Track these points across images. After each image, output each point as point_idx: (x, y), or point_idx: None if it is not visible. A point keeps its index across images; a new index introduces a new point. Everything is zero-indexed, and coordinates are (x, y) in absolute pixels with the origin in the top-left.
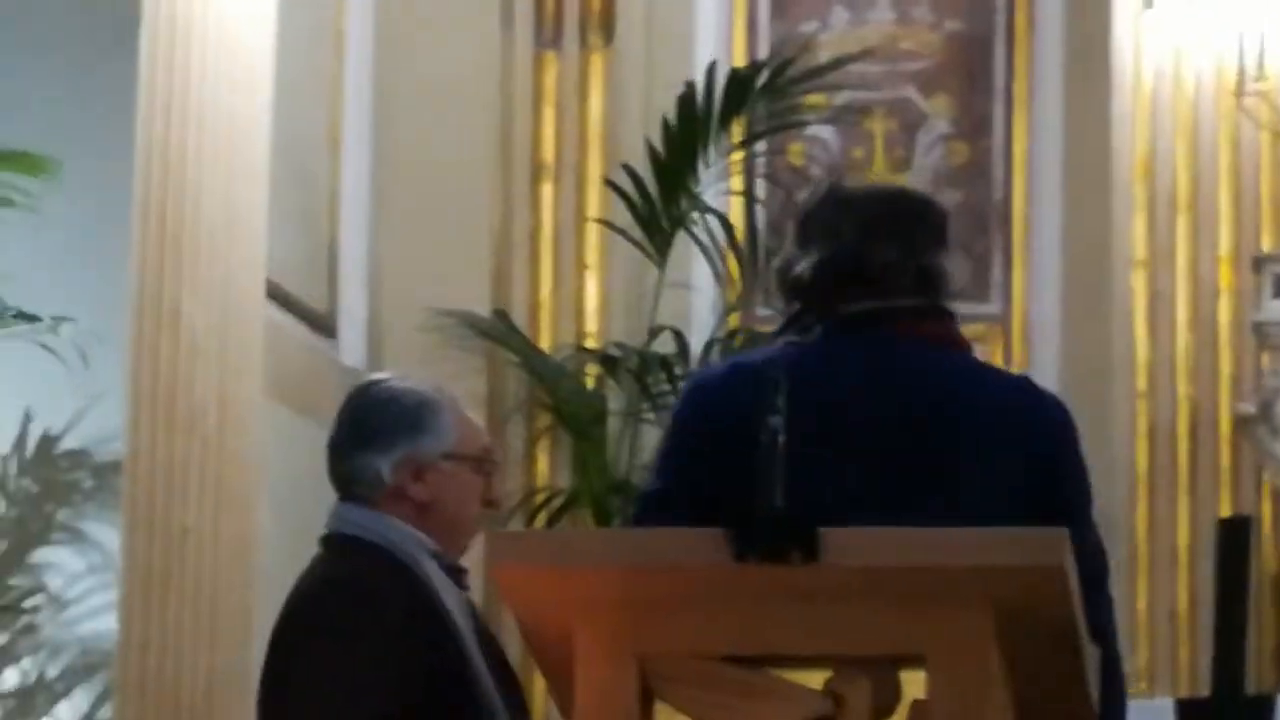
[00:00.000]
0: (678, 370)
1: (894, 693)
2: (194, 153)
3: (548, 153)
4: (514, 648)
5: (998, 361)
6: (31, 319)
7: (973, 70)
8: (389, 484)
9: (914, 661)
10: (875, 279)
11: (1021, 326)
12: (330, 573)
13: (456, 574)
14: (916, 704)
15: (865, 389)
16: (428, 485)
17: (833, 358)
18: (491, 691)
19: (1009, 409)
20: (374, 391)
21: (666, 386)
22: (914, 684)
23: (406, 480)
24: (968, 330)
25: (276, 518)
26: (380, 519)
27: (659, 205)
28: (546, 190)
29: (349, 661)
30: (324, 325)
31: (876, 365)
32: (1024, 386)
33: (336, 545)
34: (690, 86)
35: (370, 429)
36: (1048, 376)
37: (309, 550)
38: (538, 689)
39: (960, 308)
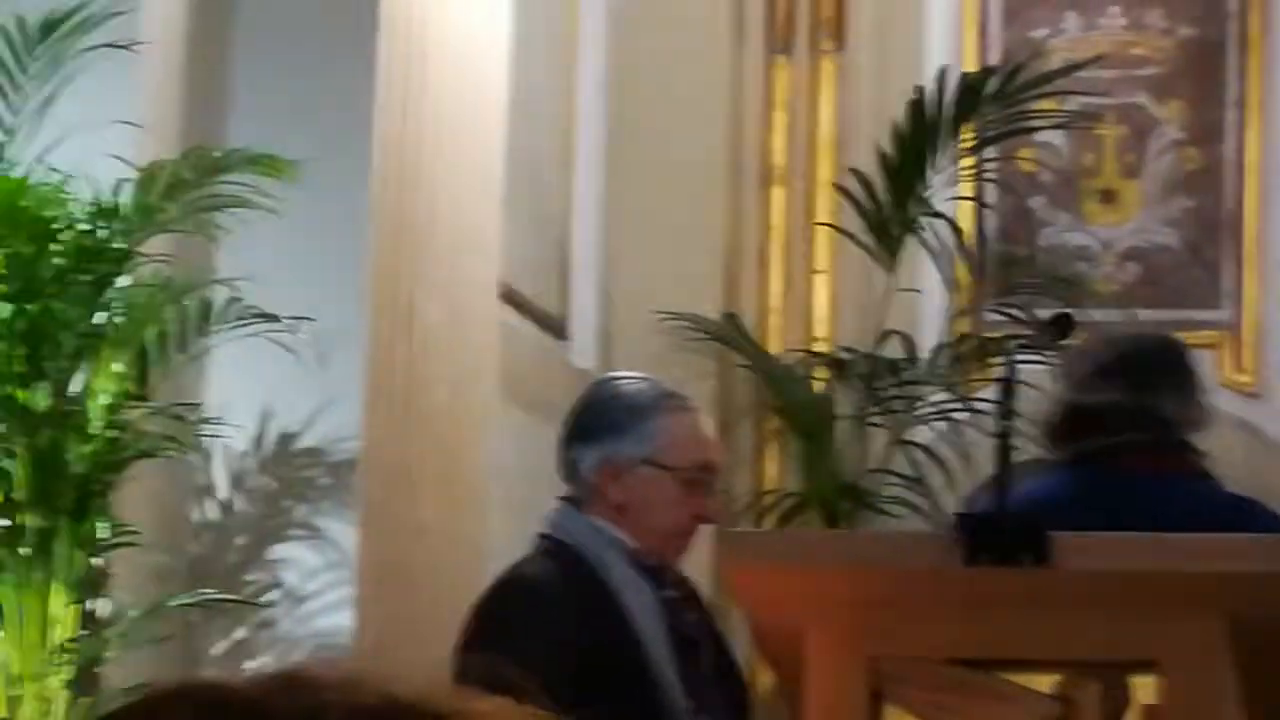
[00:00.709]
0: (906, 374)
1: (1123, 698)
2: (430, 156)
3: (778, 157)
4: (744, 648)
5: (1227, 368)
6: (271, 319)
7: (1205, 76)
8: (590, 481)
9: (1144, 667)
10: (1108, 419)
11: (1252, 333)
12: (511, 570)
13: (655, 573)
14: (1148, 709)
15: (1090, 512)
16: (624, 487)
17: (1067, 484)
18: (671, 688)
19: (1222, 525)
20: (600, 388)
21: (895, 390)
22: (1143, 689)
23: (606, 479)
24: (1198, 337)
25: (508, 516)
26: (575, 516)
27: (888, 210)
28: (777, 195)
29: (508, 658)
30: (556, 327)
31: (1100, 491)
32: (1241, 506)
33: (537, 541)
34: (921, 92)
35: (582, 424)
36: (1277, 385)
37: None
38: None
39: (1190, 315)
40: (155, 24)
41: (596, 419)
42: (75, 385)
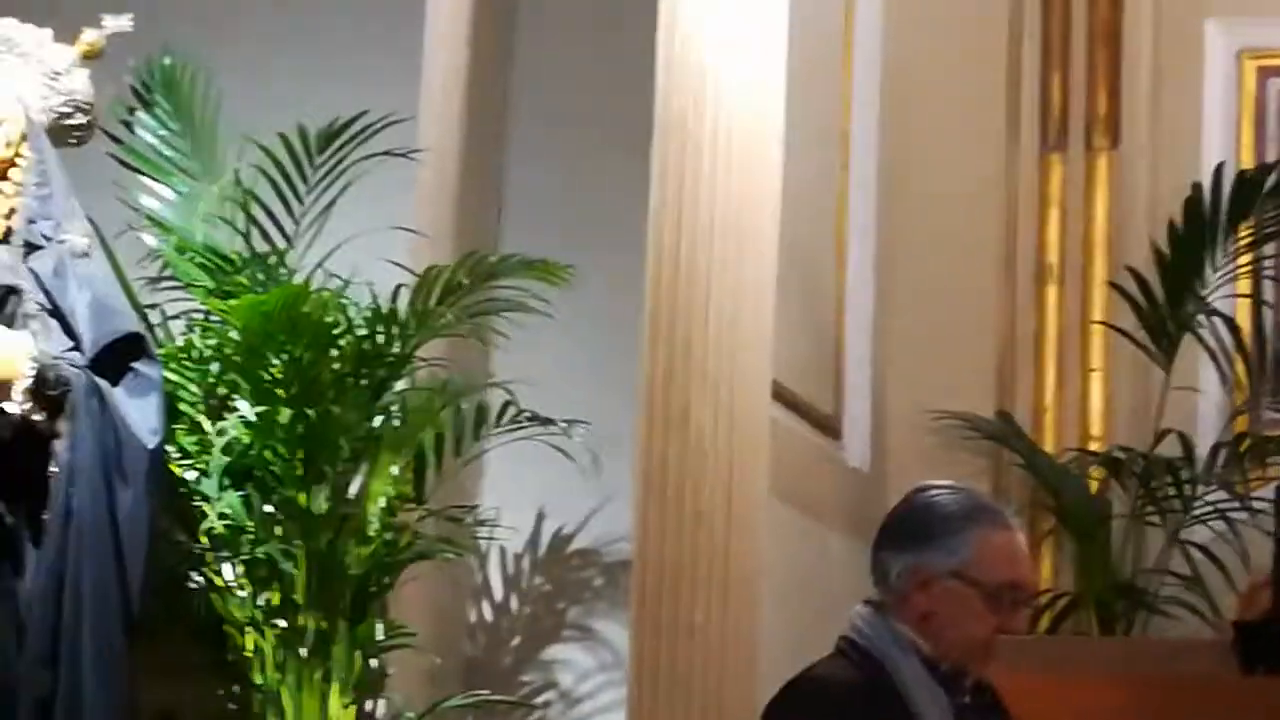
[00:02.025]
0: (1183, 474)
1: None
2: (703, 256)
3: (1052, 255)
4: None
5: None
6: (546, 422)
7: None
8: (895, 587)
9: None
10: None
11: None
12: (804, 672)
13: (952, 680)
14: None
15: None
16: (930, 597)
17: None
18: None
19: None
20: (917, 496)
21: (1171, 490)
22: None
23: (913, 587)
24: None
25: (779, 616)
26: (878, 621)
27: (1165, 308)
28: (1051, 292)
29: None
30: (828, 426)
31: None
32: None
33: (838, 643)
34: (1197, 188)
35: (894, 531)
36: None
37: (811, 648)
38: None
39: None
40: (432, 131)
41: (910, 526)
42: (353, 488)
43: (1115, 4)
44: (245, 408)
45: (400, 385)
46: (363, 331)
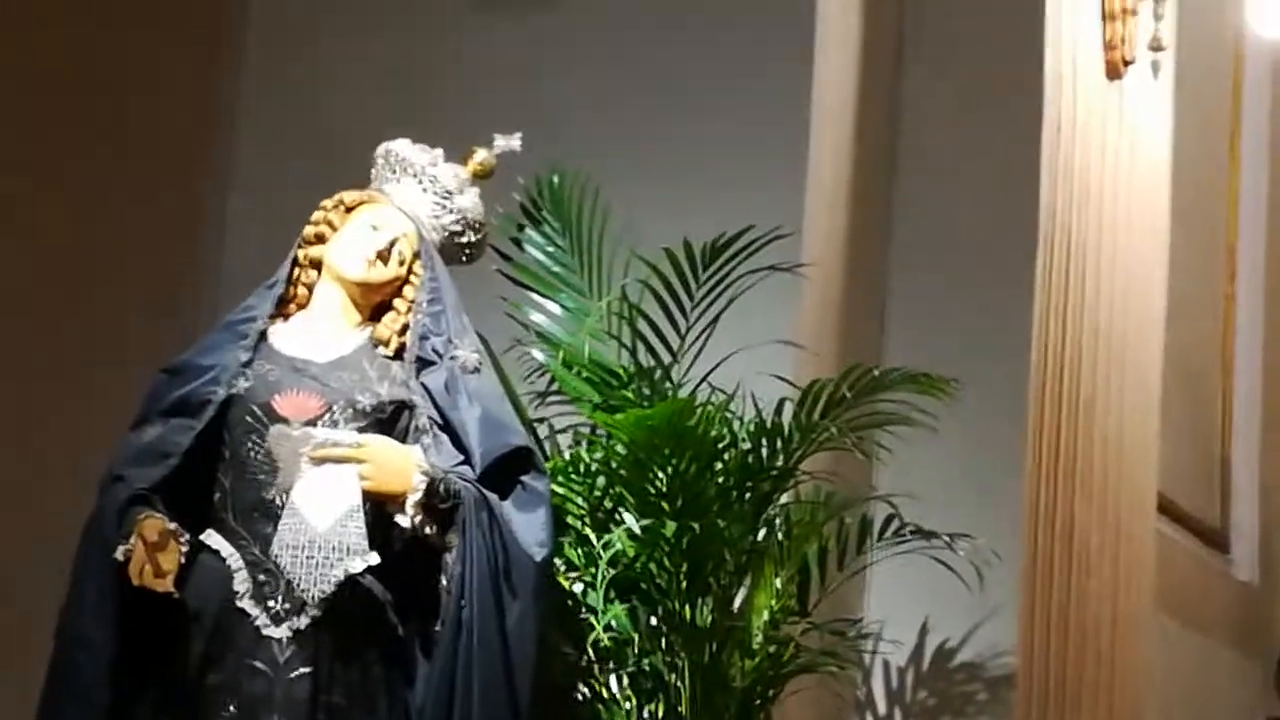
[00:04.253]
0: None
1: None
2: (1088, 369)
3: None
4: None
5: None
6: (930, 535)
7: None
8: None
9: None
10: None
11: None
12: None
13: None
14: None
15: None
16: None
17: None
18: None
19: None
20: None
21: None
22: None
23: None
24: None
25: None
26: None
27: None
28: None
29: None
30: (1215, 539)
31: None
32: None
33: None
34: None
35: None
36: None
37: None
38: None
39: None
40: (816, 244)
41: None
42: (737, 601)
43: None
44: (631, 521)
45: (784, 498)
46: (746, 445)
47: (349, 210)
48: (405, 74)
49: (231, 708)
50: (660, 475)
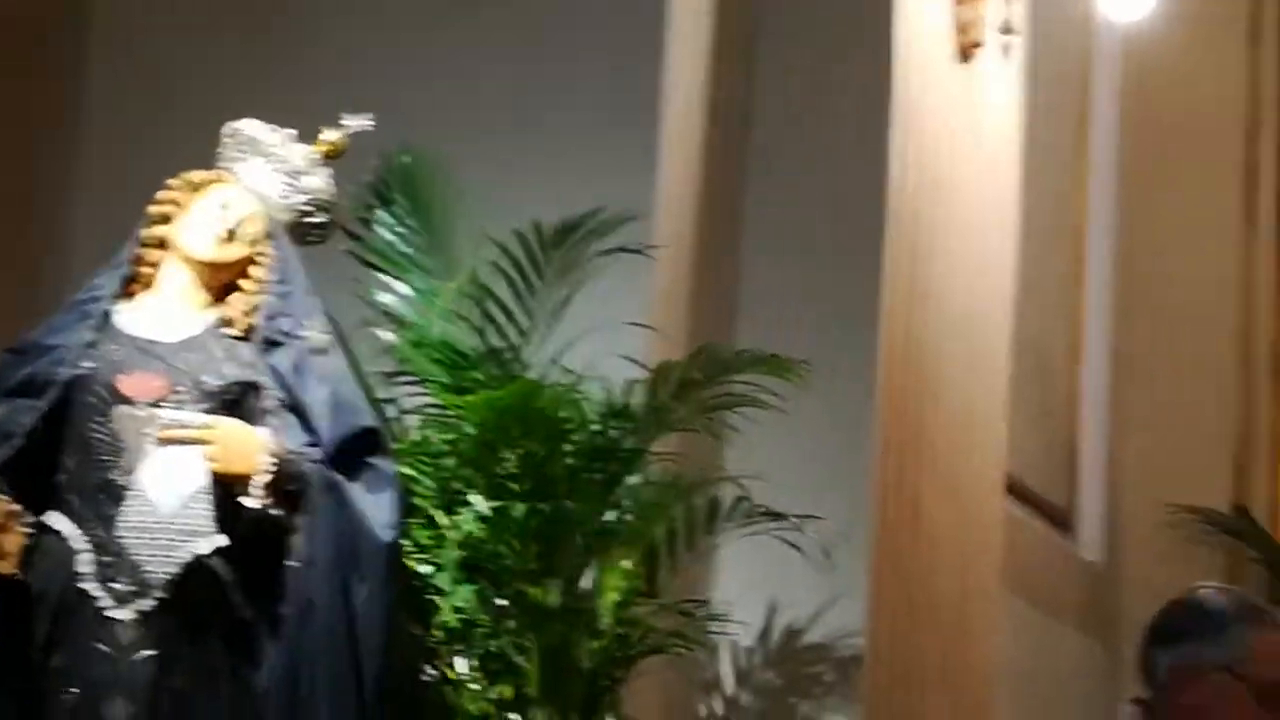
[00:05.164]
0: None
1: None
2: (936, 352)
3: None
4: None
5: None
6: (778, 517)
7: None
8: (1164, 683)
9: None
10: None
11: None
12: None
13: None
14: None
15: None
16: (1199, 693)
17: None
18: None
19: None
20: (1187, 594)
21: None
22: None
23: (1179, 682)
24: None
25: (1009, 710)
26: (1142, 718)
27: None
28: None
29: None
30: (1062, 521)
31: None
32: None
33: None
34: None
35: (1163, 627)
36: None
37: None
38: None
39: None
40: (667, 227)
41: (1180, 623)
42: (586, 582)
43: None
44: (479, 502)
45: (633, 480)
46: (596, 427)
47: (196, 189)
48: (258, 55)
49: (74, 690)
50: (509, 457)
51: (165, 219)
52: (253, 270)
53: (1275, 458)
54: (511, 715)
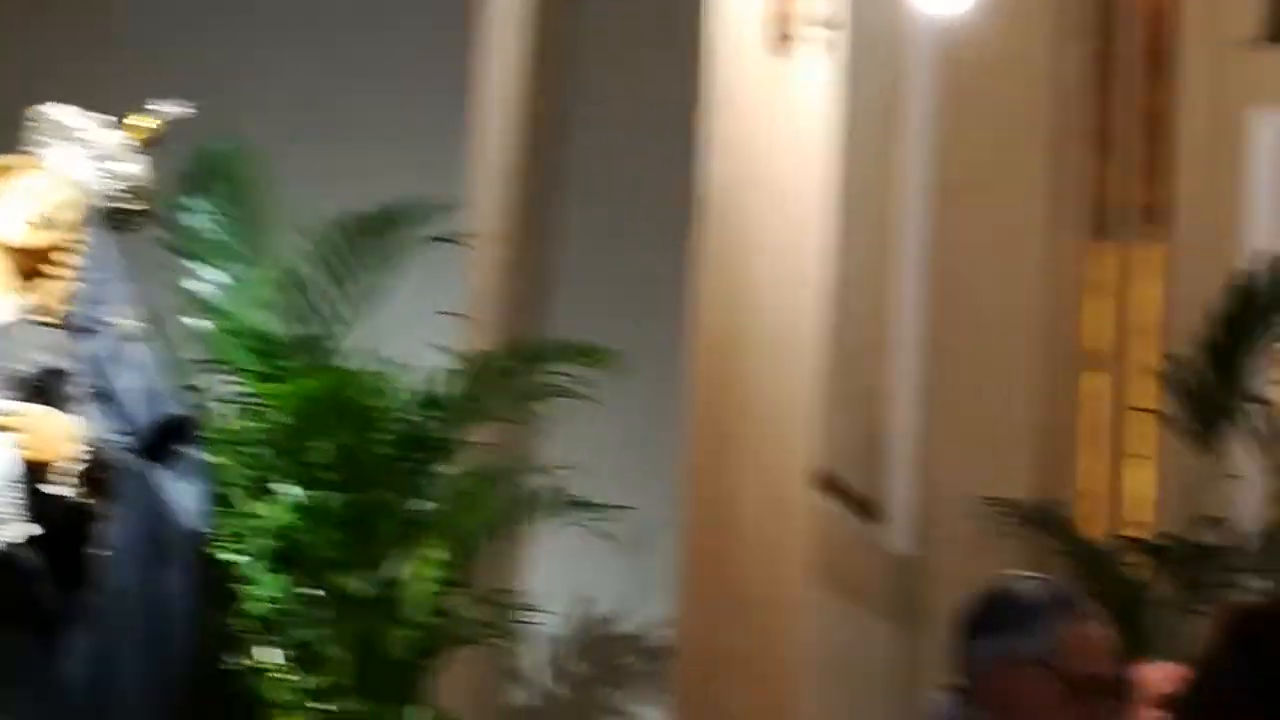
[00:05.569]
0: (1227, 561)
1: None
2: (748, 345)
3: (1096, 342)
4: None
5: None
6: (590, 507)
7: None
8: (977, 674)
9: None
10: None
11: None
12: None
13: None
14: None
15: None
16: (1012, 684)
17: None
18: None
19: None
20: (1002, 584)
21: (1215, 577)
22: None
23: (993, 674)
24: None
25: (819, 699)
26: (958, 708)
27: (1209, 395)
28: (1094, 379)
29: None
30: (872, 512)
31: None
32: None
33: None
34: (1242, 276)
35: (977, 617)
36: None
37: None
38: None
39: None
40: (481, 218)
41: (995, 614)
42: (398, 572)
43: (1161, 93)
44: (292, 491)
45: (446, 470)
46: (410, 416)
47: (5, 175)
48: (79, 42)
49: None
50: (322, 446)
51: None
52: (66, 257)
53: (1080, 451)
54: (322, 704)
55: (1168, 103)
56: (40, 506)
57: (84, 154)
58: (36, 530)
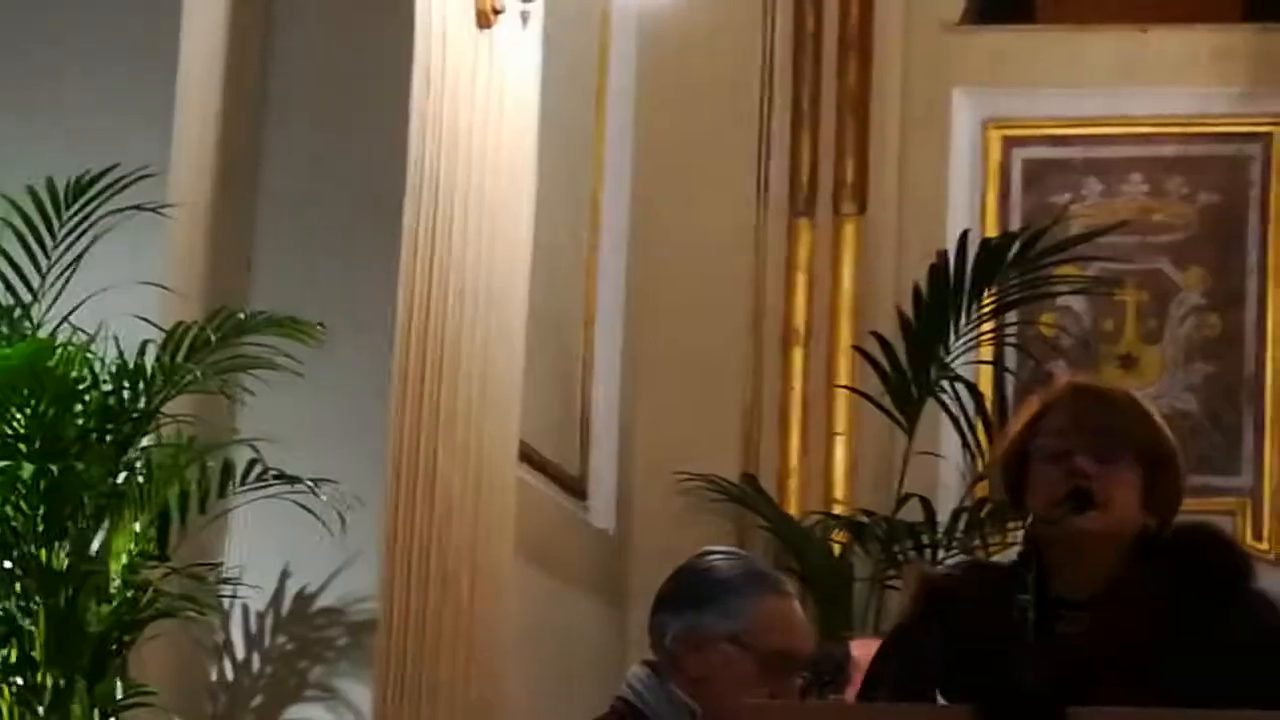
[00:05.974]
0: (925, 538)
1: None
2: (453, 319)
3: (799, 320)
4: None
5: (1247, 535)
6: (292, 480)
7: (1226, 243)
8: (671, 649)
9: None
10: None
11: (1272, 499)
12: None
13: None
14: None
15: None
16: (703, 661)
17: None
18: None
19: None
20: (697, 560)
21: (913, 554)
22: None
23: (687, 650)
24: (1217, 503)
25: (524, 676)
26: (654, 683)
27: (909, 373)
28: (797, 356)
29: None
30: (575, 488)
31: None
32: None
33: (611, 704)
34: (942, 255)
35: (671, 593)
36: None
37: (556, 708)
38: None
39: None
40: (182, 187)
41: (688, 590)
42: (95, 545)
43: (864, 72)
44: None
45: (145, 442)
46: (108, 387)
47: None
48: None
49: None
50: (18, 417)
51: None
52: None
53: (783, 427)
54: (16, 678)
55: (869, 80)
56: None
57: None
58: None
